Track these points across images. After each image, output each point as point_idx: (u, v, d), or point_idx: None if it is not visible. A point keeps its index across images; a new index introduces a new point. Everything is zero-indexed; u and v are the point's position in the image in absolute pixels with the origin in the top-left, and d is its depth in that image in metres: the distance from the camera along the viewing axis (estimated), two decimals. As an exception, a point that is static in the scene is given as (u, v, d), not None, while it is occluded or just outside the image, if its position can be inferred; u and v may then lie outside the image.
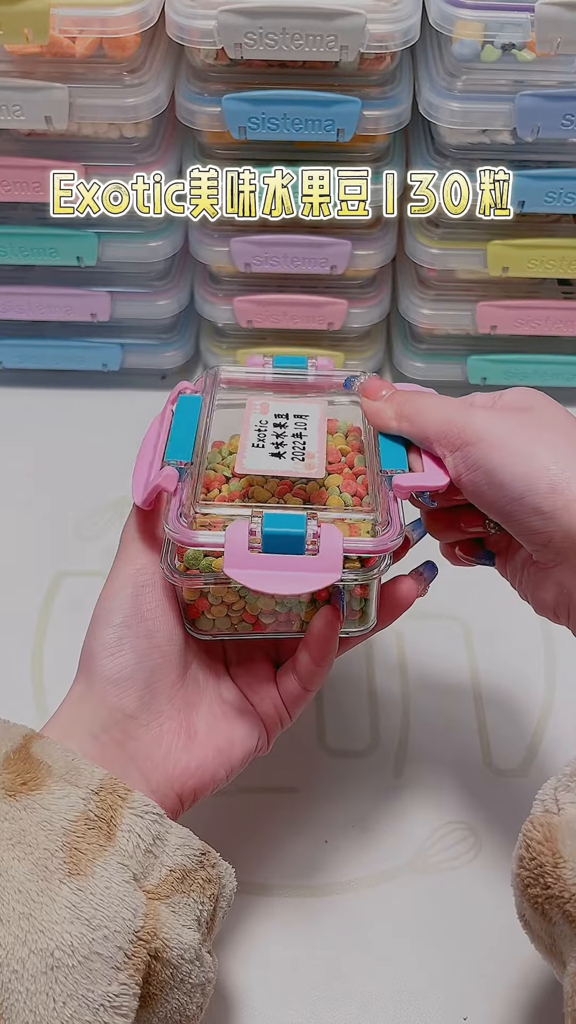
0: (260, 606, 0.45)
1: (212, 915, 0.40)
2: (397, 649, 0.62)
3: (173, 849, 0.39)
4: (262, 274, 0.70)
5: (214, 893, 0.40)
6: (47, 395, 0.78)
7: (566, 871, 0.35)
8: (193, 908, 0.38)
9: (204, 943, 0.39)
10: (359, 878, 0.52)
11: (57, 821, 0.37)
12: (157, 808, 0.39)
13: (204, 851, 0.40)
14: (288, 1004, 0.48)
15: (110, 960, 0.35)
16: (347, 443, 0.50)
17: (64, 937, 0.34)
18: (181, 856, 0.39)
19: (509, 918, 0.51)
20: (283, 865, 0.53)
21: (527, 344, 0.74)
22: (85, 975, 0.34)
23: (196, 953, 0.38)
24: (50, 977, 0.34)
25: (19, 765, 0.38)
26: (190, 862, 0.39)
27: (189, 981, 0.38)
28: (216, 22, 0.57)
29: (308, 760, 0.57)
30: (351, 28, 0.56)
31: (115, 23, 0.57)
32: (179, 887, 0.38)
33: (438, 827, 0.54)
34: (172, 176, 0.66)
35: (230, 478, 0.49)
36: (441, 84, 0.61)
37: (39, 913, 0.35)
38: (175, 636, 0.44)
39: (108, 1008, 0.34)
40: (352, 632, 0.46)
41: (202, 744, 0.43)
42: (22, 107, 0.60)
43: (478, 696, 0.60)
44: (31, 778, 0.38)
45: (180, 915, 0.38)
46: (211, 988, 0.40)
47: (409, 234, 0.70)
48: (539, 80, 0.59)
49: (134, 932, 0.36)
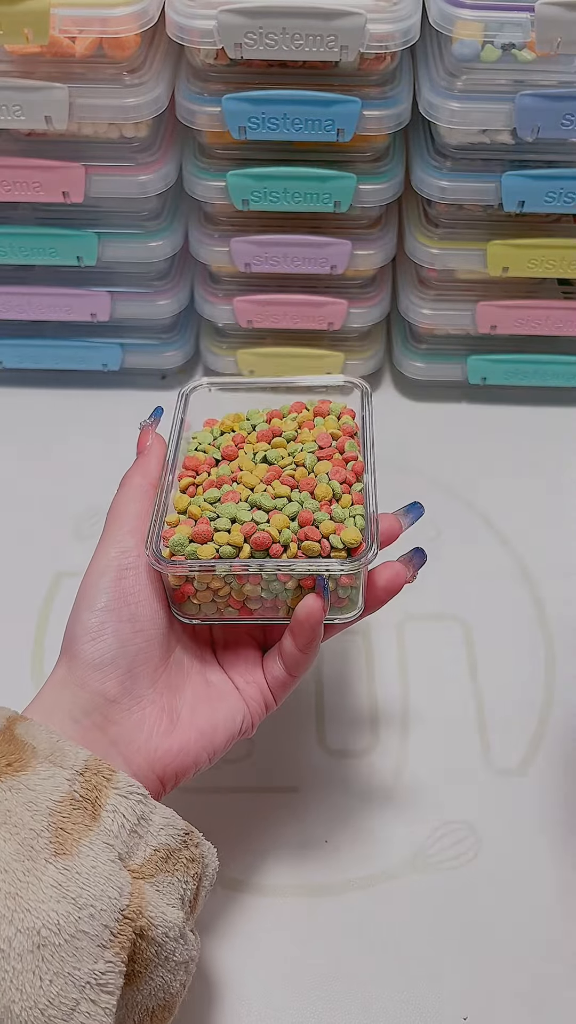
0: (246, 592, 0.46)
1: (196, 894, 0.40)
2: (397, 649, 0.62)
3: (157, 829, 0.39)
4: (262, 274, 0.70)
5: (197, 872, 0.40)
6: (47, 395, 0.78)
7: None
8: (177, 887, 0.39)
9: (187, 921, 0.39)
10: (359, 878, 0.52)
11: (42, 802, 0.37)
12: (141, 788, 0.39)
13: (188, 831, 0.40)
14: (288, 1004, 0.48)
15: (96, 938, 0.35)
16: (339, 426, 0.50)
17: (50, 916, 0.35)
18: (165, 836, 0.39)
19: (509, 917, 0.51)
20: (283, 865, 0.53)
21: (527, 344, 0.74)
22: (71, 953, 0.35)
23: (180, 931, 0.38)
24: (37, 955, 0.34)
25: (4, 747, 0.39)
26: (174, 842, 0.39)
27: (173, 959, 0.38)
28: (216, 22, 0.57)
29: (308, 760, 0.57)
30: (351, 28, 0.56)
31: (115, 23, 0.57)
32: (163, 866, 0.39)
33: (438, 827, 0.54)
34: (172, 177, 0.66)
35: (219, 460, 0.49)
36: (441, 84, 0.61)
37: (25, 892, 0.35)
38: (159, 619, 0.44)
39: (94, 985, 0.35)
40: (338, 619, 0.46)
41: (184, 727, 0.43)
42: (22, 107, 0.60)
43: (478, 696, 0.60)
44: (16, 759, 0.38)
45: (164, 894, 0.38)
46: (194, 966, 0.40)
47: (409, 234, 0.70)
48: (539, 80, 0.59)
49: (120, 911, 0.36)
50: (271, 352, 0.76)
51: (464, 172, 0.64)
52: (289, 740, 0.58)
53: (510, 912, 0.51)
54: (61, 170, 0.63)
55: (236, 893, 0.52)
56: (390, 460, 0.74)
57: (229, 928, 0.51)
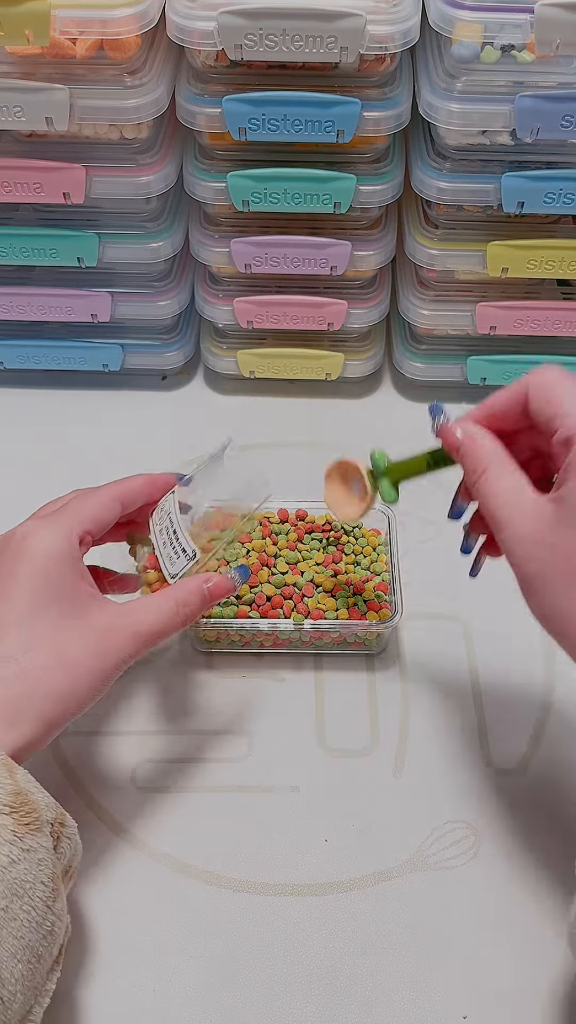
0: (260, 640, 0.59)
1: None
2: (397, 649, 0.62)
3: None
4: (262, 275, 0.70)
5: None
6: (48, 395, 0.78)
7: None
8: None
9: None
10: (359, 877, 0.53)
11: None
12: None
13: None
14: (288, 1004, 0.48)
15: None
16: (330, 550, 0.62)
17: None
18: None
19: (509, 916, 0.51)
20: (283, 865, 0.53)
21: (527, 345, 0.74)
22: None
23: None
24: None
25: None
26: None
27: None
28: (216, 23, 0.57)
29: (308, 760, 0.57)
30: (351, 29, 0.57)
31: (116, 24, 0.57)
32: None
33: (438, 826, 0.54)
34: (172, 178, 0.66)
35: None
36: (441, 85, 0.61)
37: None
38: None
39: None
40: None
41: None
42: (23, 108, 0.60)
43: (478, 696, 0.60)
44: None
45: None
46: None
47: (409, 235, 0.70)
48: (538, 81, 0.59)
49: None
50: (271, 352, 0.76)
51: (463, 173, 0.64)
52: (289, 740, 0.58)
53: (510, 910, 0.51)
54: (62, 171, 0.63)
55: (236, 892, 0.52)
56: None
57: (229, 927, 0.51)
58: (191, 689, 0.60)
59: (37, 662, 0.45)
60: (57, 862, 0.42)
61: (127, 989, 0.49)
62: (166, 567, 0.52)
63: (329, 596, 0.59)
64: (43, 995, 0.41)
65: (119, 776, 0.56)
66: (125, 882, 0.52)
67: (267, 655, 0.62)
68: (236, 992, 0.49)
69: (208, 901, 0.52)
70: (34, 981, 0.40)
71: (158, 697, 0.60)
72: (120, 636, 0.47)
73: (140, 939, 0.50)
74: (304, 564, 0.61)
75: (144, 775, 0.56)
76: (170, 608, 0.49)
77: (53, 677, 0.45)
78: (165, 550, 0.53)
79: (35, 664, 0.44)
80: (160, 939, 0.50)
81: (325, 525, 0.63)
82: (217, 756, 0.57)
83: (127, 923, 0.51)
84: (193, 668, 0.61)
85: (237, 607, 0.59)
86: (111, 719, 0.59)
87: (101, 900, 0.52)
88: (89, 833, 0.54)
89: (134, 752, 0.57)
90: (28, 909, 0.40)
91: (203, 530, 0.60)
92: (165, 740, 0.58)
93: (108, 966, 0.50)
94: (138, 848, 0.54)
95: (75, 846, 0.44)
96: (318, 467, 0.74)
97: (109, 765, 0.57)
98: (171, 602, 0.49)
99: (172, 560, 0.52)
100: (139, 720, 0.59)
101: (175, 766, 0.57)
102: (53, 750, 0.57)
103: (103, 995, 0.49)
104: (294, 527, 0.63)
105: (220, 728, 0.59)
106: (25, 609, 0.46)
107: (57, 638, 0.45)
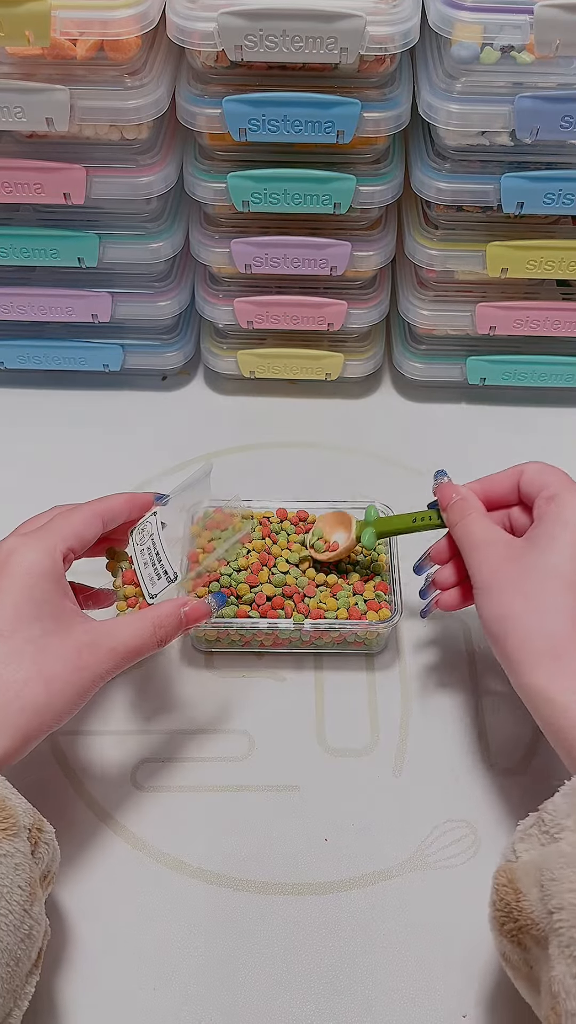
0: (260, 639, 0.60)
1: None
2: (397, 649, 0.62)
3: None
4: (262, 275, 0.70)
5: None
6: (48, 395, 0.78)
7: (525, 903, 0.41)
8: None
9: None
10: (359, 876, 0.53)
11: None
12: None
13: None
14: (288, 1003, 0.48)
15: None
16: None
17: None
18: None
19: (508, 916, 0.51)
20: (283, 864, 0.53)
21: (526, 345, 0.74)
22: None
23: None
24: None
25: None
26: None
27: None
28: (216, 24, 0.57)
29: (308, 759, 0.57)
30: (351, 30, 0.57)
31: (116, 25, 0.57)
32: None
33: (438, 825, 0.54)
34: (173, 178, 0.66)
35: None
36: (440, 86, 0.61)
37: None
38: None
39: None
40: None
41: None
42: (23, 109, 0.60)
43: (478, 695, 0.60)
44: None
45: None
46: None
47: (408, 235, 0.70)
48: (538, 82, 0.59)
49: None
50: (271, 353, 0.76)
51: (463, 174, 0.64)
52: (289, 740, 0.58)
53: (509, 911, 0.51)
54: (62, 172, 0.63)
55: (236, 891, 0.52)
56: (390, 460, 0.74)
57: (229, 927, 0.51)
58: (191, 689, 0.60)
59: (17, 675, 0.45)
60: (35, 867, 0.43)
61: (127, 989, 0.49)
62: (146, 587, 0.53)
63: (329, 596, 0.59)
64: (22, 998, 0.42)
65: (119, 776, 0.56)
66: (125, 882, 0.52)
67: (267, 655, 0.62)
68: (236, 992, 0.49)
69: (208, 901, 0.52)
70: (12, 984, 0.41)
71: (158, 697, 0.60)
72: (99, 652, 0.48)
73: (140, 939, 0.51)
74: (305, 564, 0.61)
75: (144, 775, 0.56)
76: (147, 629, 0.50)
77: (32, 690, 0.45)
78: (146, 570, 0.53)
79: (15, 677, 0.45)
80: (160, 939, 0.51)
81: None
82: (217, 756, 0.57)
83: (127, 923, 0.51)
84: (193, 668, 0.61)
85: (237, 607, 0.59)
86: (111, 719, 0.59)
87: (101, 900, 0.52)
88: (89, 833, 0.54)
89: (134, 752, 0.57)
90: (5, 913, 0.40)
91: (203, 530, 0.60)
92: (165, 740, 0.58)
93: (108, 966, 0.50)
94: (138, 848, 0.54)
95: (53, 851, 0.45)
96: (318, 467, 0.74)
97: (109, 765, 0.57)
98: (148, 623, 0.50)
99: (153, 581, 0.53)
100: (139, 720, 0.59)
101: (175, 766, 0.57)
102: (53, 750, 0.57)
103: (103, 995, 0.49)
104: (295, 526, 0.63)
105: (220, 728, 0.59)
106: (8, 624, 0.47)
107: (38, 653, 0.46)
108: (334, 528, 0.61)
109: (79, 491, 0.71)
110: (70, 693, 0.47)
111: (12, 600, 0.47)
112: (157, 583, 0.53)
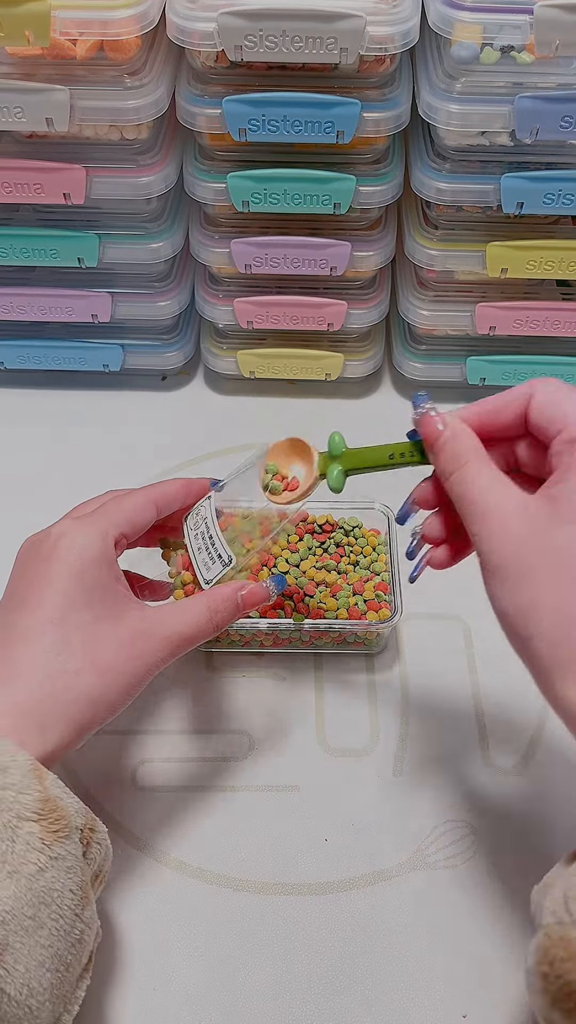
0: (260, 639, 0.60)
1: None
2: (397, 649, 0.62)
3: None
4: (262, 275, 0.70)
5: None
6: (48, 396, 0.78)
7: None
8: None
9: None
10: (359, 876, 0.53)
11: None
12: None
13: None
14: (289, 1003, 0.48)
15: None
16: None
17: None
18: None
19: (508, 915, 0.52)
20: (283, 864, 0.53)
21: (526, 345, 0.74)
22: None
23: None
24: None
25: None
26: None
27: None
28: (216, 24, 0.57)
29: (308, 760, 0.57)
30: (351, 30, 0.57)
31: (116, 25, 0.57)
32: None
33: (437, 825, 0.54)
34: (172, 179, 0.66)
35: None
36: (440, 86, 0.61)
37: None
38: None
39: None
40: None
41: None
42: (23, 109, 0.60)
43: (478, 696, 0.60)
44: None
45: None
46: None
47: (408, 235, 0.70)
48: (538, 82, 0.59)
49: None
50: (271, 353, 0.76)
51: (463, 174, 0.64)
52: (289, 740, 0.58)
53: (509, 909, 0.51)
54: (62, 172, 0.63)
55: (236, 891, 0.52)
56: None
57: (229, 927, 0.51)
58: (191, 689, 0.60)
59: (70, 665, 0.44)
60: (87, 868, 0.42)
61: (127, 989, 0.49)
62: (201, 572, 0.52)
63: (329, 596, 0.59)
64: (72, 1003, 0.41)
65: (119, 776, 0.56)
66: (125, 882, 0.52)
67: (267, 655, 0.62)
68: (236, 992, 0.49)
69: (208, 901, 0.52)
70: (63, 989, 0.40)
71: (158, 697, 0.60)
72: (153, 640, 0.46)
73: (140, 939, 0.51)
74: (305, 564, 0.61)
75: (144, 775, 0.56)
76: (203, 614, 0.48)
77: (85, 680, 0.44)
78: (200, 555, 0.52)
79: (67, 667, 0.44)
80: (160, 939, 0.51)
81: (325, 525, 0.63)
82: (217, 756, 0.57)
83: (127, 923, 0.51)
84: (193, 668, 0.61)
85: None
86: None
87: (101, 900, 0.52)
88: (89, 833, 0.54)
89: (134, 752, 0.57)
90: (56, 917, 0.39)
91: (253, 527, 0.58)
92: (165, 740, 0.58)
93: (108, 966, 0.50)
94: (138, 848, 0.54)
95: (105, 850, 0.44)
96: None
97: (109, 765, 0.57)
98: (204, 608, 0.48)
99: (208, 566, 0.51)
100: (139, 720, 0.59)
101: (175, 766, 0.57)
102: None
103: (103, 995, 0.49)
104: (295, 526, 0.63)
105: (220, 728, 0.59)
106: (58, 611, 0.45)
107: (90, 641, 0.45)
108: (289, 459, 0.53)
109: (79, 491, 0.71)
110: (124, 683, 0.45)
111: (62, 586, 0.45)
112: (212, 567, 0.51)
